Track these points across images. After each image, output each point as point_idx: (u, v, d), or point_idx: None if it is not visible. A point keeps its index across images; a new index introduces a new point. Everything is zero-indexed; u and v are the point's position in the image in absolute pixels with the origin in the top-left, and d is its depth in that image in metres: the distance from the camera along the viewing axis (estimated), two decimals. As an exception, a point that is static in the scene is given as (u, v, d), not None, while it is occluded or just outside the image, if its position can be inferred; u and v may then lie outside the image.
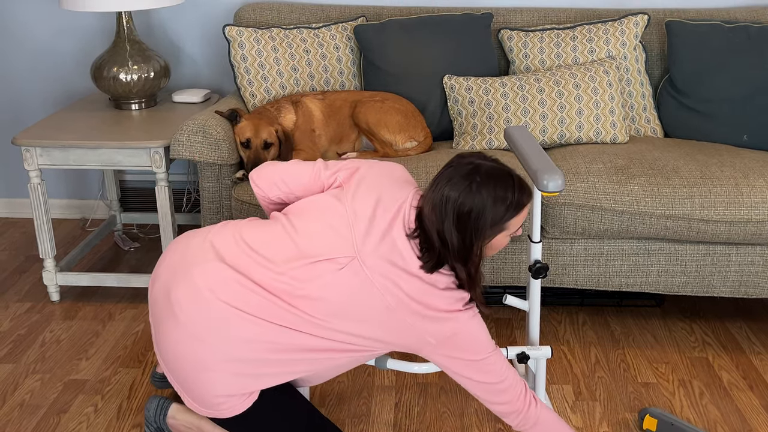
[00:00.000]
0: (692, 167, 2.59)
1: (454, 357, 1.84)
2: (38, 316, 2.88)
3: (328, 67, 3.05)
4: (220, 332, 1.75)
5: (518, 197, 1.78)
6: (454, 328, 1.81)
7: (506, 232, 1.82)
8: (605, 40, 3.01)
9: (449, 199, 1.74)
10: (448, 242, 1.75)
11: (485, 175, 1.76)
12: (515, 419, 1.90)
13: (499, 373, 1.87)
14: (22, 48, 3.49)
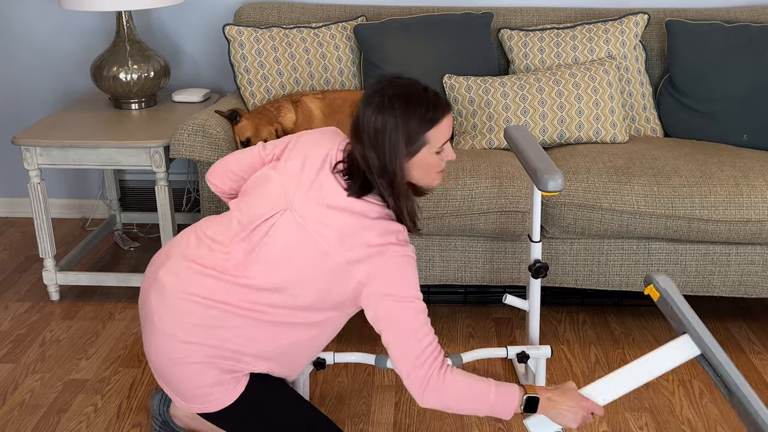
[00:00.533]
0: (692, 167, 2.59)
1: (384, 294, 1.73)
2: (38, 316, 2.89)
3: (328, 67, 3.05)
4: (182, 322, 1.78)
5: (432, 111, 1.74)
6: (386, 262, 1.74)
7: (429, 149, 1.77)
8: (605, 39, 3.01)
9: (363, 117, 1.77)
10: (369, 163, 1.75)
11: (398, 90, 1.75)
12: (421, 387, 1.71)
13: (422, 321, 1.73)
14: (22, 47, 3.49)
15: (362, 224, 1.75)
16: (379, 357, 2.22)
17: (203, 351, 1.77)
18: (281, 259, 1.77)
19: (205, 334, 1.76)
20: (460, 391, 1.72)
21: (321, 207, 1.78)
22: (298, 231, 1.77)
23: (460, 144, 2.89)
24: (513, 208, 2.52)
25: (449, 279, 2.65)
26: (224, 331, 1.76)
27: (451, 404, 1.73)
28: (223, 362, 1.78)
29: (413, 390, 1.71)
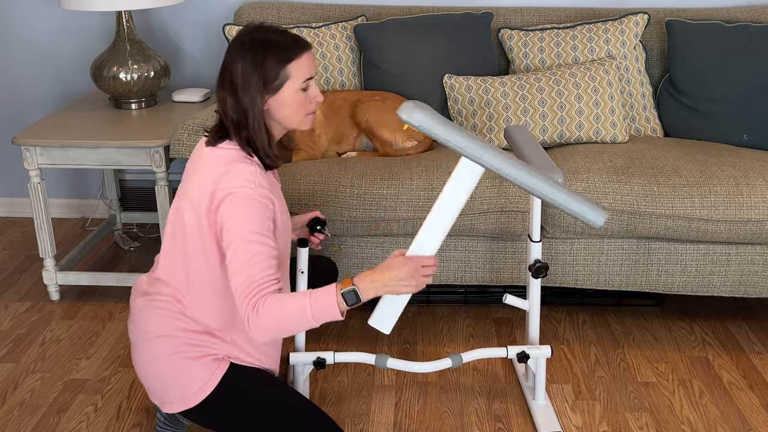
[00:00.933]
0: (692, 167, 2.59)
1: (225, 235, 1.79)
2: (38, 316, 2.88)
3: (328, 67, 3.05)
4: (138, 325, 1.98)
5: (290, 42, 1.81)
6: (231, 204, 1.77)
7: (292, 83, 1.82)
8: (605, 39, 3.01)
9: (227, 60, 1.82)
10: (227, 104, 1.81)
11: (258, 35, 1.82)
12: (246, 324, 1.75)
13: (243, 260, 1.74)
14: (22, 47, 3.49)
15: (225, 170, 1.81)
16: (380, 357, 2.23)
17: (167, 344, 1.91)
18: (173, 241, 1.93)
19: (168, 321, 1.92)
20: (279, 320, 1.73)
21: (197, 172, 1.87)
22: (187, 205, 1.86)
23: (460, 144, 2.89)
24: (513, 208, 2.52)
25: (449, 279, 2.65)
26: (181, 309, 1.92)
27: (279, 332, 1.78)
28: (194, 339, 1.90)
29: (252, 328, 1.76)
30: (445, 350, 2.67)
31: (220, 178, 1.80)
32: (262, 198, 1.78)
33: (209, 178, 1.82)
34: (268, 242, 1.77)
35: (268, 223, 1.79)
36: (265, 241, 1.76)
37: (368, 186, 2.53)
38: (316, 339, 2.72)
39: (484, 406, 2.38)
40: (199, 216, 1.83)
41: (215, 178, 1.81)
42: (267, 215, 1.79)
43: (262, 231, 1.76)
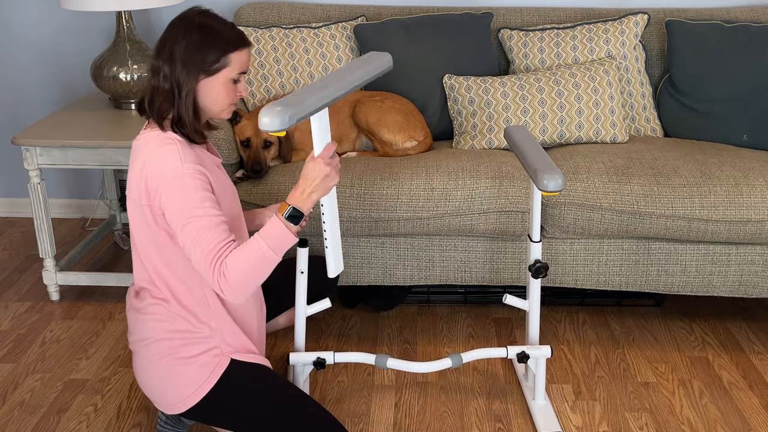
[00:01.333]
0: (692, 167, 2.59)
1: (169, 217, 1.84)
2: (38, 316, 2.88)
3: (328, 67, 3.05)
4: (134, 334, 2.03)
5: (234, 35, 1.88)
6: (168, 186, 1.82)
7: (228, 72, 1.88)
8: (605, 39, 3.01)
9: (168, 35, 1.87)
10: (162, 73, 1.85)
11: (206, 20, 1.87)
12: (219, 291, 1.83)
13: (193, 236, 1.81)
14: (22, 47, 3.49)
15: (156, 153, 1.84)
16: (379, 357, 2.23)
17: (159, 348, 1.96)
18: (132, 245, 1.98)
19: (159, 326, 1.96)
20: (244, 271, 1.79)
21: (140, 166, 1.88)
22: (134, 200, 1.91)
23: (460, 144, 2.89)
24: (513, 208, 2.52)
25: (449, 279, 2.65)
26: (168, 308, 1.96)
27: (250, 282, 1.82)
28: (187, 339, 1.94)
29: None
30: (445, 350, 2.67)
31: (144, 166, 1.85)
32: (192, 173, 1.83)
33: (136, 168, 1.88)
34: (212, 211, 1.82)
35: (207, 193, 1.83)
36: (208, 212, 1.81)
37: (368, 186, 2.53)
38: (316, 339, 2.72)
39: (484, 406, 2.38)
40: (141, 207, 1.88)
41: (140, 166, 1.86)
42: (203, 186, 1.83)
43: (203, 203, 1.81)
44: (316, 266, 2.31)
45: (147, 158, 1.86)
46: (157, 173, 1.83)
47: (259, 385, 1.97)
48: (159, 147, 1.86)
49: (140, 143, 1.91)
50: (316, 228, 2.55)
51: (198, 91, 1.88)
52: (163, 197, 1.82)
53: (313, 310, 2.24)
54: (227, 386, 1.94)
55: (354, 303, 2.94)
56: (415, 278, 2.65)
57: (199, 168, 1.85)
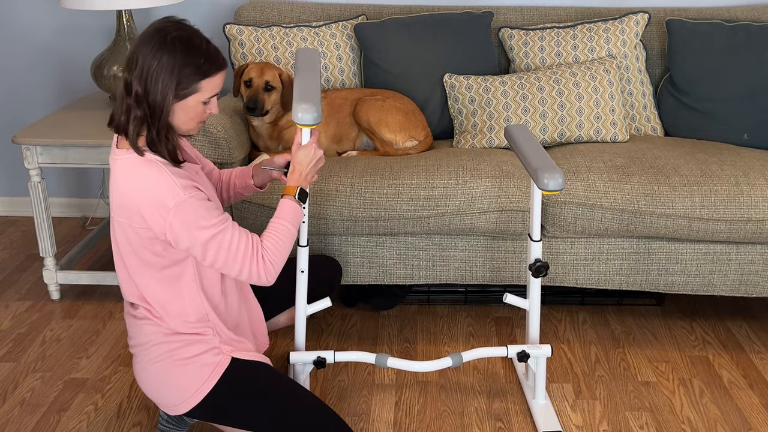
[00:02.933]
0: (692, 166, 2.59)
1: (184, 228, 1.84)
2: (38, 315, 2.89)
3: (329, 66, 3.05)
4: (134, 338, 2.03)
5: (208, 63, 1.83)
6: (177, 213, 1.81)
7: (198, 97, 1.85)
8: (605, 38, 3.01)
9: (140, 51, 1.81)
10: (134, 92, 1.80)
11: (181, 34, 1.82)
12: (259, 275, 1.92)
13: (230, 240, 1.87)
14: (23, 46, 3.49)
15: (131, 188, 1.84)
16: (380, 356, 2.23)
17: (155, 352, 1.96)
18: (119, 260, 1.97)
19: (157, 329, 1.96)
20: (280, 251, 1.93)
21: (111, 190, 1.90)
22: (113, 232, 1.94)
23: (460, 143, 2.89)
24: (513, 207, 2.52)
25: (450, 278, 2.65)
26: (161, 317, 1.97)
27: (283, 259, 1.94)
28: (186, 339, 1.95)
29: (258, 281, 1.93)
30: (446, 349, 2.67)
31: (132, 194, 1.83)
32: (190, 194, 1.82)
33: (120, 192, 1.86)
34: (221, 217, 1.86)
35: (208, 203, 1.86)
36: (219, 223, 1.85)
37: (368, 185, 2.53)
38: (317, 338, 2.72)
39: (485, 405, 2.38)
40: (130, 229, 1.87)
41: (126, 192, 1.84)
42: (203, 198, 1.85)
43: (211, 216, 1.84)
44: (316, 265, 2.31)
45: (133, 190, 1.83)
46: (154, 203, 1.80)
47: (261, 383, 1.97)
48: (144, 174, 1.82)
49: (120, 166, 1.86)
50: (315, 227, 2.55)
51: (169, 113, 1.85)
52: (173, 226, 1.81)
53: (313, 309, 2.24)
54: (229, 385, 1.94)
55: (354, 302, 2.94)
56: (415, 277, 2.65)
57: (191, 183, 1.84)
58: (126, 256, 1.93)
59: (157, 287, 1.93)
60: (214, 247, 1.84)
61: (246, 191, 2.27)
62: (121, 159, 1.87)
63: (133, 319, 2.01)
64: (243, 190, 2.26)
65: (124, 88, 1.83)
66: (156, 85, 1.79)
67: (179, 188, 1.81)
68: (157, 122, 1.83)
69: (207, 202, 1.85)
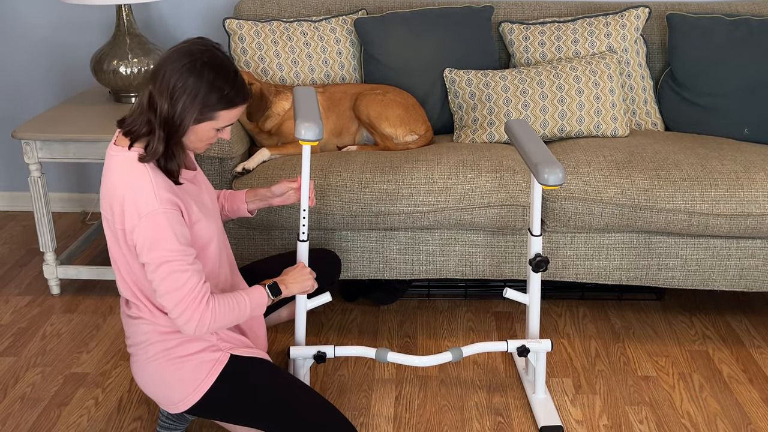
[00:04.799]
0: (693, 161, 2.59)
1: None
2: (39, 310, 2.89)
3: (329, 61, 3.04)
4: (131, 338, 2.02)
5: (233, 94, 1.84)
6: (144, 225, 1.81)
7: (213, 124, 1.86)
8: (606, 33, 3.00)
9: (168, 68, 1.80)
10: (157, 107, 1.80)
11: (212, 60, 1.82)
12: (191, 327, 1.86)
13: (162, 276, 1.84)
14: (23, 41, 3.48)
15: (117, 187, 1.83)
16: (380, 350, 2.23)
17: (152, 350, 1.96)
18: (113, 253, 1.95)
19: (154, 328, 1.95)
20: (225, 316, 1.89)
21: (102, 185, 1.89)
22: (109, 227, 1.91)
23: (460, 138, 2.89)
24: (513, 202, 2.51)
25: (450, 273, 2.65)
26: (158, 314, 1.95)
27: (219, 326, 1.90)
28: (184, 336, 1.94)
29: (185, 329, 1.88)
30: (446, 344, 2.67)
31: (116, 193, 1.83)
32: (166, 209, 1.81)
33: (108, 189, 1.86)
34: (186, 250, 1.83)
35: (182, 228, 1.83)
36: (180, 253, 1.81)
37: (368, 180, 2.53)
38: (317, 333, 2.72)
39: (485, 399, 2.38)
40: (113, 228, 1.87)
41: (111, 190, 1.84)
42: (177, 221, 1.83)
43: (176, 242, 1.81)
44: (316, 259, 2.31)
45: (120, 185, 1.82)
46: (133, 204, 1.80)
47: (260, 379, 1.97)
48: (134, 174, 1.82)
49: (115, 162, 1.86)
50: (316, 222, 2.55)
51: (184, 134, 1.86)
52: (135, 233, 1.81)
53: (313, 303, 2.24)
54: (228, 381, 1.94)
55: (354, 297, 2.94)
56: (415, 272, 2.66)
57: (173, 199, 1.83)
58: (115, 252, 1.92)
59: (148, 285, 1.92)
60: (164, 271, 1.81)
61: (233, 215, 2.28)
62: (117, 156, 1.87)
63: (129, 319, 2.00)
64: (231, 213, 2.27)
65: (147, 100, 1.82)
66: (176, 105, 1.80)
67: (156, 199, 1.80)
68: (171, 139, 1.83)
69: (180, 226, 1.83)
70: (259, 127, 2.78)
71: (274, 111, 2.77)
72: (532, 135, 2.25)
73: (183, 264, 1.82)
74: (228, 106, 1.85)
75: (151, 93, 1.82)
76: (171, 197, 1.83)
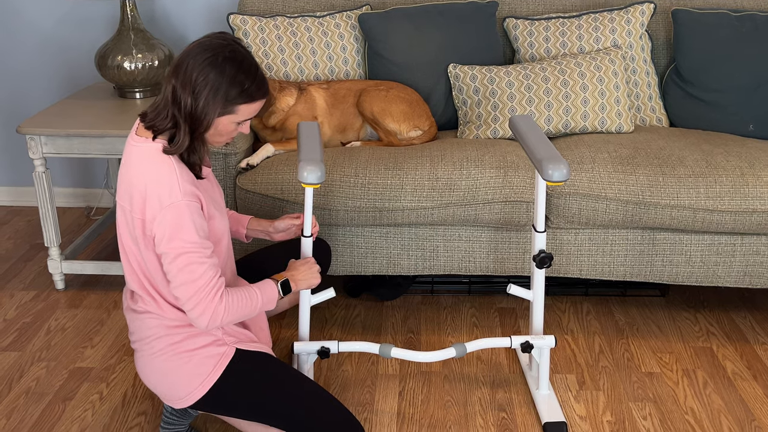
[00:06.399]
0: (697, 157, 2.58)
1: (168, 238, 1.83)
2: (43, 305, 2.89)
3: (333, 56, 3.04)
4: (135, 334, 2.01)
5: (255, 88, 1.86)
6: (165, 216, 1.81)
7: (234, 118, 1.87)
8: (611, 28, 3.00)
9: (191, 62, 1.81)
10: (180, 101, 1.82)
11: (234, 55, 1.83)
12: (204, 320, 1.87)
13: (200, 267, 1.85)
14: (27, 36, 3.49)
15: (141, 179, 1.83)
16: (384, 346, 2.23)
17: (170, 335, 1.94)
18: (122, 248, 1.97)
19: (159, 323, 1.95)
20: (238, 310, 1.90)
21: (121, 176, 1.90)
22: (120, 214, 1.92)
23: (465, 134, 2.89)
24: (517, 198, 2.51)
25: (453, 269, 2.65)
26: (165, 309, 1.96)
27: (232, 320, 1.91)
28: (189, 331, 1.94)
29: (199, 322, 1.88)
30: (449, 340, 2.68)
31: (138, 182, 1.83)
32: (188, 201, 1.82)
33: (128, 178, 1.86)
34: (204, 243, 1.84)
35: (201, 221, 1.84)
36: (198, 246, 1.82)
37: (372, 176, 2.53)
38: (321, 328, 2.73)
39: (488, 395, 2.38)
40: (130, 218, 1.87)
41: (133, 180, 1.84)
42: (198, 214, 1.84)
43: (195, 235, 1.82)
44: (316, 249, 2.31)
45: (143, 175, 1.83)
46: (156, 194, 1.81)
47: (265, 373, 1.98)
48: (158, 164, 1.83)
49: (137, 152, 1.87)
50: (320, 217, 2.55)
51: (209, 128, 1.87)
52: (156, 222, 1.81)
53: (317, 299, 2.24)
54: (233, 376, 1.95)
55: (358, 292, 2.94)
56: (419, 268, 2.66)
57: (194, 192, 1.84)
58: (127, 241, 1.93)
59: (157, 276, 1.92)
60: (182, 262, 1.82)
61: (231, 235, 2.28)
62: (140, 146, 1.87)
63: (134, 314, 2.00)
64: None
65: (171, 95, 1.83)
66: (199, 99, 1.81)
67: (180, 191, 1.81)
68: (194, 133, 1.84)
69: (200, 219, 1.84)
70: (263, 123, 2.78)
71: (278, 107, 2.77)
72: (537, 131, 2.24)
73: (201, 256, 1.83)
74: (248, 101, 1.86)
75: (174, 87, 1.82)
76: (193, 190, 1.84)
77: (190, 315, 1.86)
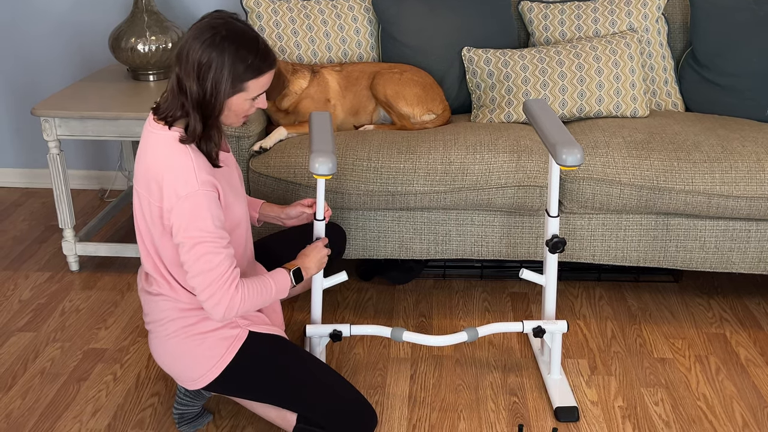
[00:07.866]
0: (713, 142, 2.56)
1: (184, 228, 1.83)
2: (58, 286, 2.92)
3: (346, 39, 3.03)
4: (149, 315, 2.03)
5: (259, 61, 1.82)
6: (182, 205, 1.81)
7: (246, 95, 1.85)
8: (627, 12, 2.97)
9: (190, 47, 1.79)
10: (186, 90, 1.80)
11: (232, 31, 1.80)
12: (220, 311, 1.87)
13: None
14: (41, 19, 3.49)
15: (158, 167, 1.83)
16: (395, 330, 2.23)
17: (184, 317, 1.96)
18: (138, 231, 1.97)
19: (174, 305, 1.96)
20: (254, 299, 1.91)
21: (139, 161, 1.91)
22: (138, 203, 1.93)
23: (478, 117, 2.88)
24: (531, 183, 2.50)
25: (466, 253, 2.65)
26: (179, 292, 1.97)
27: (247, 309, 1.91)
28: (203, 314, 1.95)
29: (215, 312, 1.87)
30: (461, 324, 2.68)
31: (156, 170, 1.83)
32: (206, 191, 1.81)
33: (146, 165, 1.86)
34: (221, 233, 1.83)
35: (218, 211, 1.84)
36: (215, 236, 1.82)
37: (385, 159, 2.52)
38: (333, 311, 2.74)
39: (499, 379, 2.39)
40: (147, 203, 1.87)
41: (150, 167, 1.84)
42: (215, 203, 1.83)
43: (212, 225, 1.81)
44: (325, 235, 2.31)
45: (160, 164, 1.83)
46: (172, 184, 1.81)
47: (278, 356, 1.99)
48: (175, 154, 1.82)
49: (154, 139, 1.86)
50: (332, 201, 2.55)
51: (221, 110, 1.86)
52: (173, 213, 1.81)
53: (329, 282, 2.25)
54: (246, 358, 1.96)
55: (370, 276, 2.94)
56: (431, 252, 2.65)
57: (212, 181, 1.84)
58: (143, 225, 1.94)
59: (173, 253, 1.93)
60: (198, 252, 1.82)
61: None
62: (156, 134, 1.86)
63: (148, 296, 2.02)
64: None
65: (176, 84, 1.82)
66: (205, 84, 1.78)
67: (196, 180, 1.81)
68: (208, 119, 1.83)
69: (217, 209, 1.84)
70: (276, 106, 2.78)
71: (291, 90, 2.77)
72: (551, 115, 2.23)
73: (217, 246, 1.82)
74: (256, 74, 1.83)
75: (178, 76, 1.81)
76: (210, 179, 1.84)
77: (206, 305, 1.86)
